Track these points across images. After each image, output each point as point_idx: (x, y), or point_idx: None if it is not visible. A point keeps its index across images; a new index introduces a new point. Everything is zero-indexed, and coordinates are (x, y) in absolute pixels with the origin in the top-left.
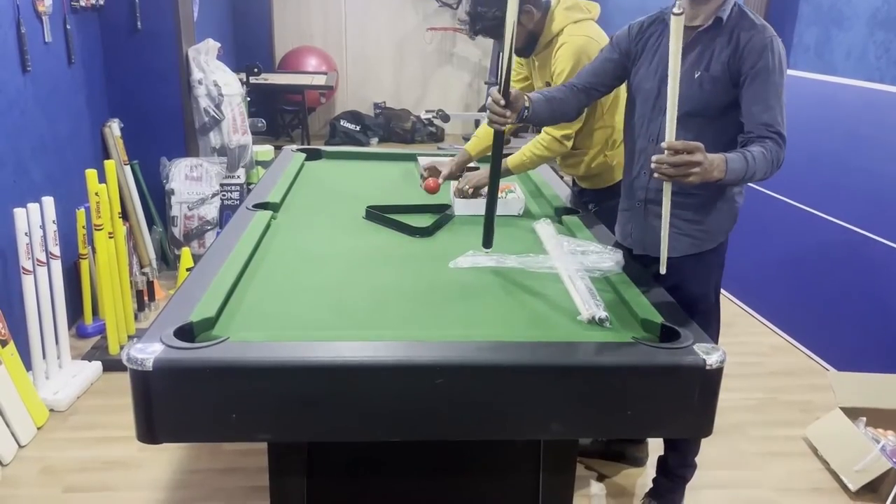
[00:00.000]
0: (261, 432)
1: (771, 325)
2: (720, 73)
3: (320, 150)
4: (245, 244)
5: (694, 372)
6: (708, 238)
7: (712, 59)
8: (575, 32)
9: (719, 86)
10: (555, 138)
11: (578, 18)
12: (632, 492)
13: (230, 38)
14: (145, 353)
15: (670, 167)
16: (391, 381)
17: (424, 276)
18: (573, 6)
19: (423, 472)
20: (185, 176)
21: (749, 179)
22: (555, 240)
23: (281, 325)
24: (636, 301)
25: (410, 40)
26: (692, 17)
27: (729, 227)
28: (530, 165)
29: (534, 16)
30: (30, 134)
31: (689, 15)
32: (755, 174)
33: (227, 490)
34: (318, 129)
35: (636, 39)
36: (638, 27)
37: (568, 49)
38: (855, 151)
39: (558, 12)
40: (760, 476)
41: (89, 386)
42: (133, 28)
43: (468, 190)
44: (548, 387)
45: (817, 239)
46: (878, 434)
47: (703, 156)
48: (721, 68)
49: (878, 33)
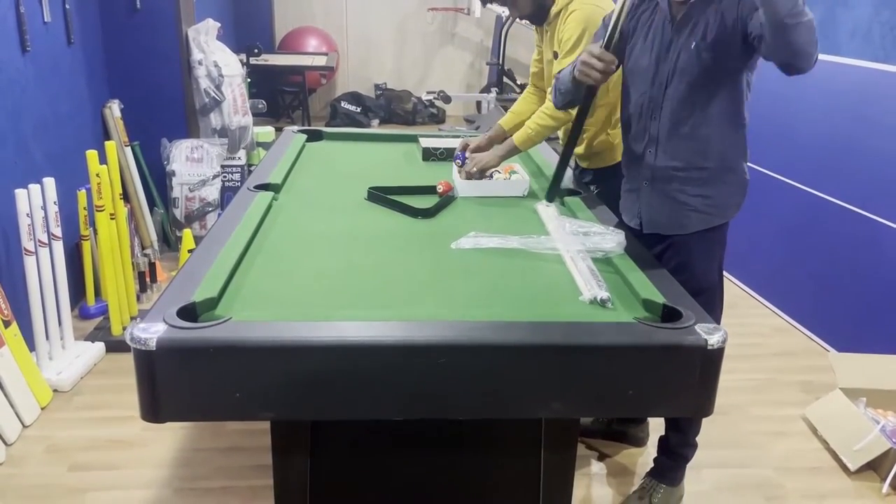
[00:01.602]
0: (264, 411)
1: (772, 307)
2: (722, 34)
3: (321, 132)
4: (247, 225)
5: (695, 351)
6: (718, 213)
7: (707, 28)
8: (585, 1)
9: (720, 50)
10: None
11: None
12: (633, 471)
13: (230, 19)
14: (149, 332)
15: None
16: (394, 361)
17: (427, 256)
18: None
19: (425, 451)
20: (185, 157)
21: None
22: (557, 221)
23: (283, 305)
24: (638, 281)
25: (411, 21)
26: None
27: (739, 200)
28: (536, 139)
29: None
30: (30, 114)
31: None
32: (804, 15)
33: (229, 468)
34: (319, 110)
35: (629, 18)
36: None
37: (577, 16)
38: (858, 132)
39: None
40: (761, 455)
41: (93, 366)
42: (132, 8)
43: (475, 172)
44: (550, 366)
45: (819, 220)
46: (877, 414)
47: None
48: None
49: (883, 12)
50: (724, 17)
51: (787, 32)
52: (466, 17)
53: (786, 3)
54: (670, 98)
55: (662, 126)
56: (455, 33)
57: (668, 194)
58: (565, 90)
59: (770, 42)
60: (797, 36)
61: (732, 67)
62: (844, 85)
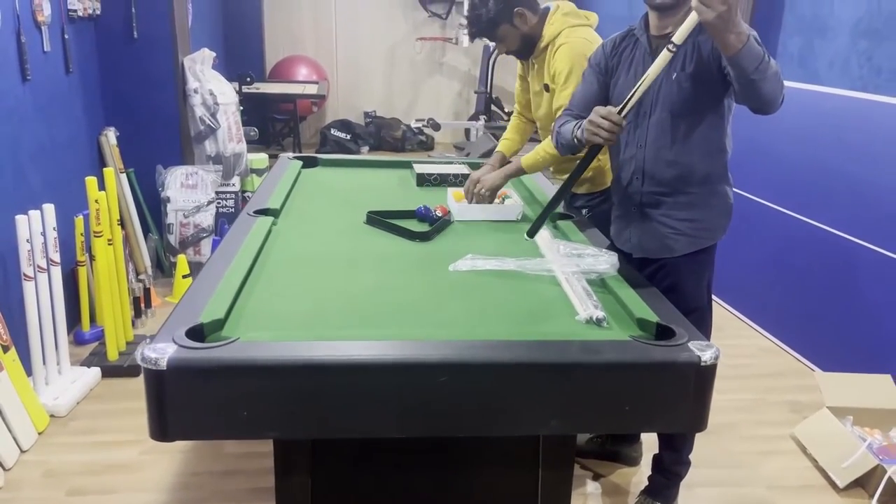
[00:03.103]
0: (271, 429)
1: (759, 329)
2: (698, 66)
3: (317, 158)
4: (248, 249)
5: (689, 368)
6: (706, 235)
7: (686, 60)
8: (573, 35)
9: (698, 80)
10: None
11: (575, 24)
12: (627, 490)
13: (222, 48)
14: (159, 352)
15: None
16: (395, 379)
17: (426, 278)
18: (571, 13)
19: (425, 469)
20: (180, 184)
21: (762, 71)
22: (551, 243)
23: (287, 326)
24: (632, 301)
25: (400, 50)
26: (662, 27)
27: (725, 222)
28: (542, 165)
29: (527, 19)
30: (29, 141)
31: (659, 26)
32: (769, 69)
33: (227, 492)
34: (309, 137)
35: (611, 55)
36: (611, 44)
37: (566, 50)
38: (839, 158)
39: (556, 17)
40: (752, 474)
41: (88, 391)
42: (129, 37)
43: (486, 194)
44: (548, 384)
45: (804, 244)
46: (864, 432)
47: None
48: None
49: (860, 43)
50: (700, 49)
51: (755, 86)
52: (454, 47)
53: (751, 62)
54: (654, 127)
55: (648, 154)
56: (443, 62)
57: (656, 219)
58: (568, 146)
59: (740, 92)
60: (764, 88)
61: (712, 96)
62: (824, 113)
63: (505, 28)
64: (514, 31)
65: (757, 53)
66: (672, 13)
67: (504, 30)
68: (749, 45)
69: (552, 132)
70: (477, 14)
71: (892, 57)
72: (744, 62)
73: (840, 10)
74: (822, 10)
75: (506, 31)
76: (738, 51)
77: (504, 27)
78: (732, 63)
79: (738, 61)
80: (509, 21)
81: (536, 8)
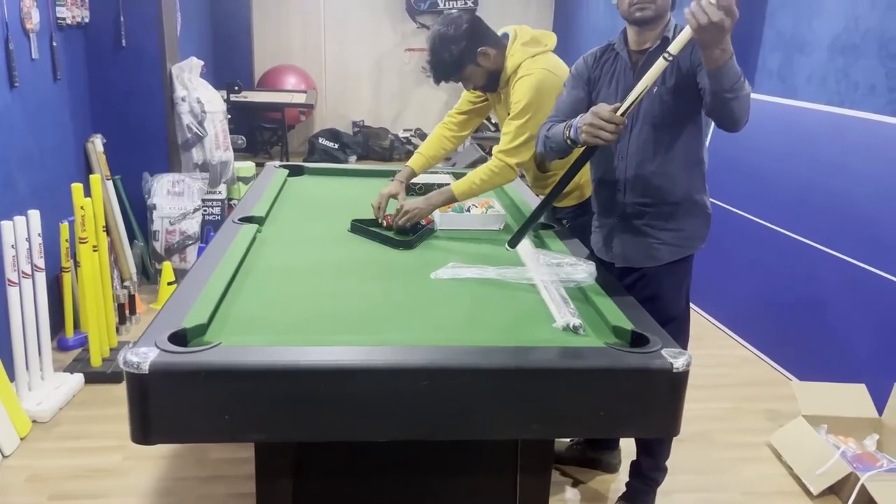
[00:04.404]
0: (253, 433)
1: (738, 339)
2: (679, 80)
3: (303, 167)
4: (232, 256)
5: (662, 374)
6: (688, 244)
7: (666, 74)
8: (532, 66)
9: (678, 94)
10: (508, 165)
11: (535, 53)
12: (606, 496)
13: (211, 56)
14: (141, 356)
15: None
16: (376, 384)
17: (408, 285)
18: (530, 41)
19: (406, 474)
20: (167, 191)
21: (737, 90)
22: (531, 253)
23: (272, 331)
24: (608, 309)
25: (389, 60)
26: (641, 42)
27: (705, 232)
28: (477, 192)
29: (490, 56)
30: (16, 148)
31: (637, 41)
32: (743, 89)
33: (211, 497)
34: (297, 146)
35: (593, 67)
36: (593, 57)
37: (526, 82)
38: (816, 171)
39: (515, 48)
40: (728, 480)
41: (72, 397)
42: (118, 45)
43: (405, 224)
44: (524, 389)
45: (782, 255)
46: (838, 440)
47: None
48: (679, 74)
49: (837, 59)
50: (679, 63)
51: (727, 104)
52: None
53: (730, 79)
54: (635, 139)
55: (630, 166)
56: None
57: (639, 229)
58: (559, 149)
59: (710, 106)
60: (735, 107)
61: (692, 109)
62: (802, 127)
63: (470, 69)
64: (479, 70)
65: (736, 72)
66: (650, 27)
67: (469, 70)
68: (731, 62)
69: (538, 139)
70: (439, 59)
71: (868, 73)
72: (724, 78)
73: (818, 27)
74: (802, 26)
75: (471, 71)
76: (721, 67)
77: (469, 68)
78: (713, 77)
79: (718, 77)
80: (473, 61)
81: (497, 41)
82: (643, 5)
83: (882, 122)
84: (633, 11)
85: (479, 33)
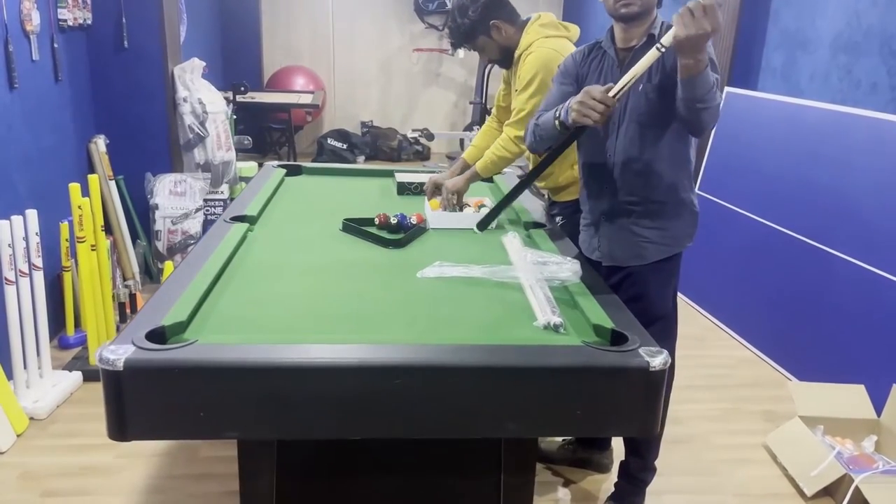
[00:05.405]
0: (228, 430)
1: (739, 339)
2: (664, 78)
3: (300, 167)
4: (220, 254)
5: (639, 374)
6: (674, 243)
7: (652, 72)
8: (543, 45)
9: (663, 93)
10: (510, 138)
11: (551, 34)
12: (597, 496)
13: (219, 58)
14: (116, 353)
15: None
16: (354, 382)
17: (394, 284)
18: (549, 24)
19: (388, 472)
20: (169, 191)
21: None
22: (519, 251)
23: (251, 330)
24: (590, 308)
25: (397, 60)
26: (628, 39)
27: (692, 231)
28: (493, 168)
29: (504, 30)
30: (15, 148)
31: (624, 38)
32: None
33: (202, 495)
34: (306, 146)
35: (581, 64)
36: (581, 54)
37: (533, 58)
38: (817, 169)
39: (533, 28)
40: (721, 482)
41: (69, 395)
42: (120, 47)
43: (455, 200)
44: (500, 387)
45: (783, 255)
46: (835, 442)
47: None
48: (664, 72)
49: (840, 57)
50: (664, 61)
51: (697, 113)
52: (450, 58)
53: (702, 88)
54: (623, 137)
55: (616, 164)
56: (439, 73)
57: (625, 227)
58: (548, 136)
59: (680, 111)
60: (704, 117)
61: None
62: (805, 125)
63: (482, 39)
64: (492, 43)
65: (709, 83)
66: (636, 24)
67: (482, 41)
68: (705, 73)
69: (526, 131)
70: (455, 25)
71: (871, 70)
72: (696, 89)
73: (821, 25)
74: (805, 24)
75: (483, 42)
76: (694, 76)
77: (482, 39)
78: (685, 86)
79: (691, 86)
80: (486, 33)
81: (515, 20)
82: (628, 1)
83: (885, 120)
84: (619, 8)
85: (496, 7)
